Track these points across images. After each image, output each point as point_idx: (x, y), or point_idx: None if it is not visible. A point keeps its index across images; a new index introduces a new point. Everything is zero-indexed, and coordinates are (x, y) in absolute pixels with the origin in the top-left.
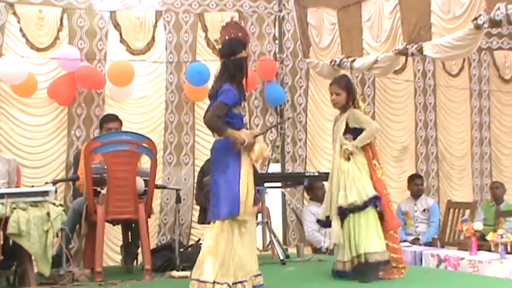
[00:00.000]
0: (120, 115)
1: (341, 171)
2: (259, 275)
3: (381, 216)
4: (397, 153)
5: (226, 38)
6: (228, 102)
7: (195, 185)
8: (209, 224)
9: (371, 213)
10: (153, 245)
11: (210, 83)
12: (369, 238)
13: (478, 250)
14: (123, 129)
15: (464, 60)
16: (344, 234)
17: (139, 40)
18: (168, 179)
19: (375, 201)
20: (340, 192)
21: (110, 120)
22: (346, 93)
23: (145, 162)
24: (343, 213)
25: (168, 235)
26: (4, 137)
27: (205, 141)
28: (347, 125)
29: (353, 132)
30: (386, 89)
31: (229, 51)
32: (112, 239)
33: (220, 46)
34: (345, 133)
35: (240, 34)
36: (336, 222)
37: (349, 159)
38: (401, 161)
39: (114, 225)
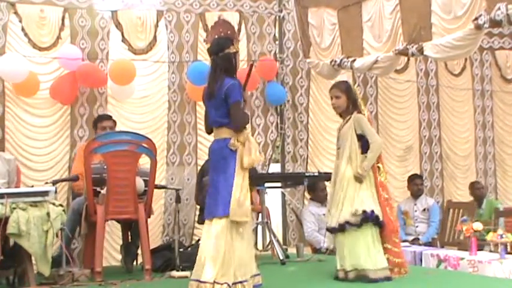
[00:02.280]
0: (123, 115)
1: (345, 181)
2: (258, 274)
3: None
4: (401, 152)
5: (216, 37)
6: (240, 99)
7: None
8: None
9: (371, 229)
10: (157, 245)
11: None
12: (372, 254)
13: (478, 250)
14: (125, 129)
15: (466, 59)
16: (341, 244)
17: (141, 40)
18: (172, 179)
19: (371, 217)
20: (343, 206)
21: (104, 119)
22: (345, 96)
23: (146, 162)
24: (344, 228)
25: (171, 235)
26: (11, 137)
27: (207, 141)
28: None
29: (360, 139)
30: (389, 89)
31: (217, 48)
32: (115, 238)
33: (208, 45)
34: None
35: (229, 32)
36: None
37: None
38: (405, 160)
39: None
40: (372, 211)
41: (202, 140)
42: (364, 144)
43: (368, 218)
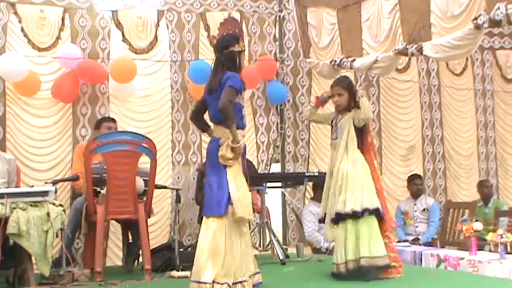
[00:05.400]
0: (125, 114)
1: (341, 172)
2: (258, 273)
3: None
4: (404, 152)
5: (224, 34)
6: (237, 87)
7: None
8: None
9: (372, 219)
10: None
11: None
12: (371, 242)
13: (478, 250)
14: (129, 128)
15: (467, 59)
16: (340, 236)
17: (142, 39)
18: (178, 178)
19: (377, 212)
20: (340, 196)
21: (111, 120)
22: (348, 93)
23: (146, 162)
24: (342, 218)
25: (178, 235)
26: (12, 136)
27: None
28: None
29: (358, 134)
30: (391, 88)
31: (222, 45)
32: (120, 237)
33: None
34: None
35: (236, 30)
36: (329, 224)
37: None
38: (408, 160)
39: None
40: (376, 208)
41: (207, 139)
42: (360, 139)
43: (368, 212)
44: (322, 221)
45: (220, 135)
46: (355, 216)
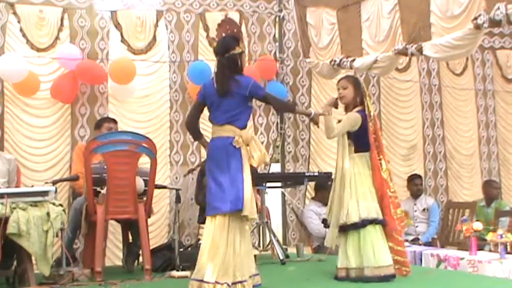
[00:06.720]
0: (124, 114)
1: (342, 180)
2: (257, 274)
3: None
4: (405, 151)
5: (223, 35)
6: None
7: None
8: None
9: (374, 227)
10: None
11: None
12: (376, 251)
13: (478, 250)
14: (127, 128)
15: (467, 59)
16: (342, 244)
17: (141, 40)
18: (176, 178)
19: (378, 221)
20: (340, 207)
21: (111, 121)
22: (353, 88)
23: (146, 162)
24: (343, 230)
25: (178, 234)
26: (10, 136)
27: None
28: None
29: (350, 137)
30: (391, 88)
31: (223, 49)
32: (119, 238)
33: (215, 44)
34: (348, 137)
35: (235, 30)
36: (332, 230)
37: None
38: (409, 159)
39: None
40: (363, 220)
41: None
42: (359, 142)
43: (368, 222)
44: (326, 226)
45: (230, 134)
46: (355, 227)
